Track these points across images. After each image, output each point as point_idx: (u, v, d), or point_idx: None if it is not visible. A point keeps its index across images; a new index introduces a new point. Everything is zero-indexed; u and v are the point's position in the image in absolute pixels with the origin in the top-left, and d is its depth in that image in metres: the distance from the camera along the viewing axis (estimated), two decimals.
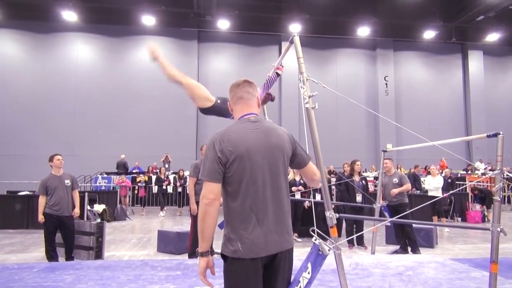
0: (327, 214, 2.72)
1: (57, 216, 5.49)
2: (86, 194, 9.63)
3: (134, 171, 16.05)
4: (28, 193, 10.58)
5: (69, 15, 17.08)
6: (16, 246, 7.47)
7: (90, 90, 18.02)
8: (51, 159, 5.71)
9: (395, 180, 6.73)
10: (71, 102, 17.84)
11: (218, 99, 3.23)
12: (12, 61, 17.76)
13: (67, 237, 5.67)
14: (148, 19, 17.66)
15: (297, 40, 2.92)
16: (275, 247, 1.83)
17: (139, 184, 14.24)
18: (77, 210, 5.80)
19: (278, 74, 3.59)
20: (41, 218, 5.47)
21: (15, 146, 17.00)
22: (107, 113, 17.96)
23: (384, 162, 6.56)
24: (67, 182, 5.68)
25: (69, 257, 5.63)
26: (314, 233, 2.18)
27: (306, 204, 7.77)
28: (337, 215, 2.80)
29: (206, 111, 3.27)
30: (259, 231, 1.81)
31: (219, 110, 3.20)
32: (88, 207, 9.76)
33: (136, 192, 14.19)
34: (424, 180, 11.88)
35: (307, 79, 2.79)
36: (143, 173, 15.50)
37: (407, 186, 6.74)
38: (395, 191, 6.55)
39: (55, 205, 5.49)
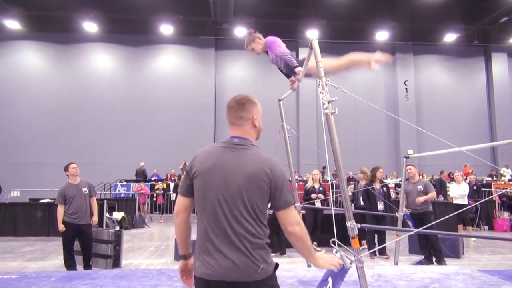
0: (348, 224, 2.59)
1: (76, 224, 5.52)
2: (105, 201, 9.75)
3: (152, 178, 16.17)
4: (49, 200, 10.74)
5: (90, 26, 17.50)
6: (37, 253, 7.57)
7: (110, 98, 18.34)
8: (66, 168, 5.76)
9: (420, 187, 6.49)
10: (91, 111, 18.20)
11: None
12: (35, 71, 18.29)
13: (85, 245, 5.68)
14: (166, 28, 17.91)
15: (315, 44, 2.84)
16: (229, 274, 1.70)
17: (157, 191, 14.32)
18: (95, 218, 5.82)
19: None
20: (61, 227, 5.49)
21: (38, 154, 17.41)
22: (126, 121, 18.22)
23: (407, 168, 6.34)
24: (85, 190, 5.70)
25: (87, 265, 5.64)
26: (335, 245, 2.07)
27: None
28: (359, 225, 2.67)
29: None
30: (214, 253, 1.74)
31: None
32: (107, 215, 9.86)
33: (154, 199, 14.27)
34: (449, 187, 11.51)
35: (326, 84, 2.69)
36: (162, 180, 15.60)
37: (433, 194, 6.50)
38: (421, 199, 6.31)
39: (74, 213, 5.51)
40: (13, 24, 17.20)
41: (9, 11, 16.59)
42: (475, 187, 11.67)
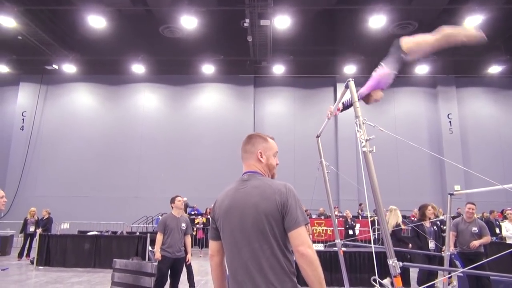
0: (390, 262, 2.57)
1: (170, 258, 5.62)
2: (148, 235, 10.02)
3: (192, 213, 16.43)
4: (96, 233, 11.16)
5: (138, 68, 18.73)
6: (84, 284, 7.85)
7: (154, 135, 19.22)
8: (172, 200, 5.90)
9: (475, 229, 6.22)
10: (137, 147, 19.09)
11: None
12: (88, 111, 19.65)
13: (174, 278, 5.77)
14: (208, 68, 18.79)
15: (352, 85, 2.94)
16: None
17: (197, 225, 14.49)
18: (189, 256, 5.96)
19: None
20: (158, 255, 5.57)
21: (87, 188, 18.35)
22: (169, 157, 18.89)
23: (469, 207, 6.25)
24: (183, 225, 5.82)
25: None
26: (376, 283, 2.07)
27: None
28: (401, 263, 2.63)
29: None
30: None
31: None
32: (150, 248, 10.09)
33: (194, 233, 14.41)
34: (502, 226, 10.78)
35: (363, 123, 2.77)
36: (201, 214, 15.81)
37: (488, 238, 6.27)
38: (476, 243, 6.10)
39: (169, 246, 5.61)
40: (69, 68, 18.76)
41: (68, 57, 18.18)
42: None
